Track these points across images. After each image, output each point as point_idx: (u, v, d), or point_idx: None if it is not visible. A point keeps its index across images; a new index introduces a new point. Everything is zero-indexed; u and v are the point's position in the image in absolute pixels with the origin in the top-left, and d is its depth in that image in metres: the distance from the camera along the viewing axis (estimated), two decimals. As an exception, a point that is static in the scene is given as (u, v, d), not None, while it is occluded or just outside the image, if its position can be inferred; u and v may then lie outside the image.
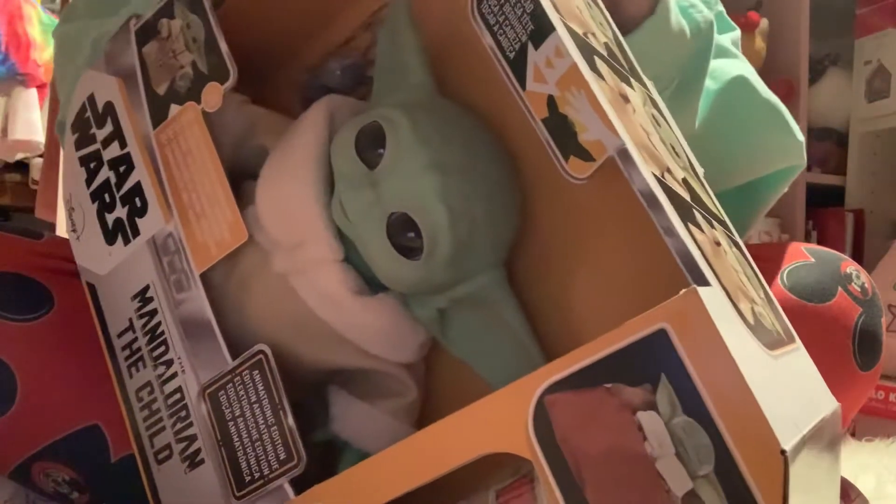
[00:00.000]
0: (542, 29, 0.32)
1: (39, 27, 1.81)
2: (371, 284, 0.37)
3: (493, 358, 0.38)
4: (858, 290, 0.66)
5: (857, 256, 1.55)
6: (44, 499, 0.51)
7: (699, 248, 0.29)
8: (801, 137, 0.64)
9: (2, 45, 1.75)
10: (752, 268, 0.36)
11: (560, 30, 0.31)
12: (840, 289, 0.64)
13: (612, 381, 0.27)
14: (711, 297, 0.27)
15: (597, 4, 0.39)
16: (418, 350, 0.39)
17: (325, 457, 0.39)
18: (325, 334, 0.37)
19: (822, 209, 1.59)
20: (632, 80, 0.37)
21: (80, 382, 0.47)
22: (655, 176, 0.30)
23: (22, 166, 1.90)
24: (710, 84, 0.55)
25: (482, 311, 0.37)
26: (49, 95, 1.59)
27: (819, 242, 1.64)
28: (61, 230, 1.13)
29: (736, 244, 0.36)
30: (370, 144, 0.35)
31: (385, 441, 0.38)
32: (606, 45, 0.36)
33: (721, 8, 0.57)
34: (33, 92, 1.83)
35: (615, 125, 0.30)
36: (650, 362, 0.26)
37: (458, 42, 0.41)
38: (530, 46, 0.32)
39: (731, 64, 0.60)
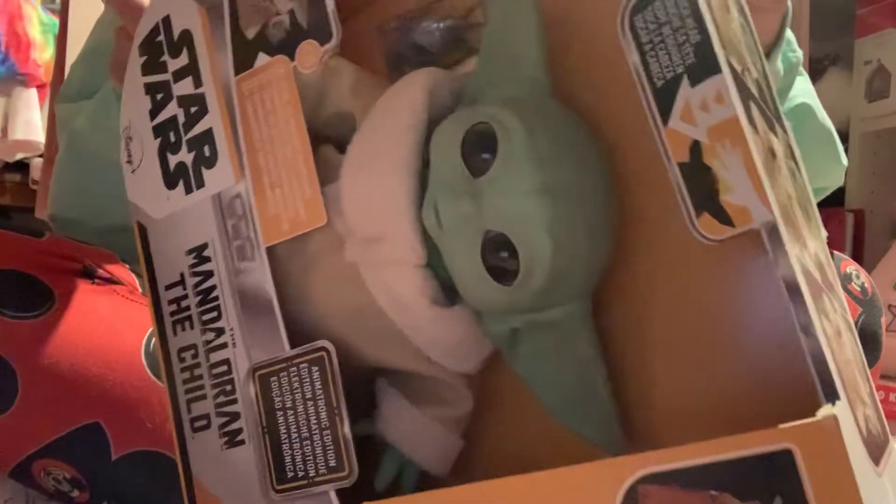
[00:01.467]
0: (704, 65, 0.28)
1: (39, 27, 1.78)
2: (446, 291, 0.35)
3: (558, 386, 0.36)
4: (858, 289, 0.67)
5: (857, 256, 1.56)
6: (44, 498, 0.51)
7: (830, 347, 0.27)
8: (844, 162, 0.68)
9: (2, 45, 1.72)
10: (860, 351, 0.33)
11: (726, 73, 0.28)
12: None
13: (719, 489, 0.25)
14: (843, 418, 0.25)
15: (750, 28, 0.35)
16: (481, 363, 0.37)
17: (361, 447, 0.38)
18: (388, 333, 0.35)
19: (821, 209, 1.58)
20: (776, 125, 0.33)
21: (80, 380, 0.46)
22: (798, 258, 0.27)
23: (22, 166, 1.88)
24: None
25: (557, 337, 0.35)
26: (49, 95, 1.56)
27: (818, 242, 1.65)
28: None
29: (849, 325, 0.33)
30: (477, 148, 0.32)
31: (431, 449, 0.37)
32: (758, 83, 0.32)
33: None
34: (33, 92, 1.79)
35: (769, 195, 0.27)
36: (767, 480, 0.24)
37: (579, 36, 0.37)
38: (685, 80, 0.29)
39: (798, 87, 0.62)
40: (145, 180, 0.39)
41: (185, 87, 0.37)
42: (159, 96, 0.38)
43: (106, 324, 0.48)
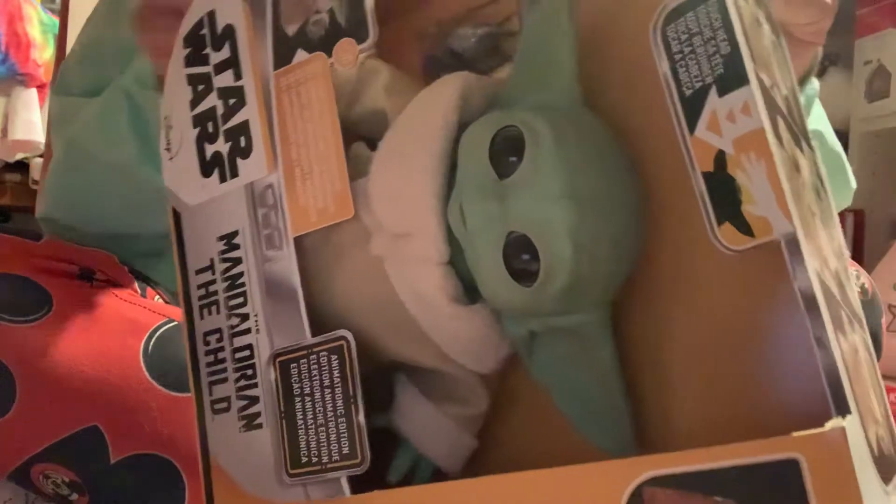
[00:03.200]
0: (733, 77, 0.28)
1: (39, 27, 1.78)
2: (468, 290, 0.35)
3: (575, 391, 0.36)
4: (858, 290, 0.66)
5: (857, 256, 1.55)
6: (43, 500, 0.51)
7: (844, 362, 0.27)
8: (853, 185, 0.68)
9: (2, 45, 1.72)
10: (877, 373, 0.33)
11: (754, 85, 0.28)
12: None
13: (724, 496, 0.25)
14: (852, 433, 0.25)
15: (782, 46, 0.35)
16: (499, 364, 0.37)
17: (376, 439, 0.38)
18: (409, 328, 0.36)
19: (820, 207, 1.59)
20: (803, 142, 0.33)
21: (78, 384, 0.46)
22: (817, 272, 0.28)
23: (22, 166, 1.89)
24: None
25: (576, 343, 0.35)
26: (49, 96, 1.56)
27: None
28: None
29: (867, 346, 0.33)
30: (505, 151, 0.32)
31: (443, 446, 0.37)
32: (787, 100, 0.32)
33: None
34: (33, 92, 1.81)
35: (790, 208, 0.27)
36: (772, 490, 0.24)
37: (613, 46, 0.37)
38: (714, 91, 0.29)
39: (813, 112, 0.62)
40: (182, 168, 0.40)
41: (225, 79, 0.38)
42: (200, 87, 0.39)
43: (104, 327, 0.48)
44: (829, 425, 0.24)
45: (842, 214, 1.59)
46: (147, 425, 0.47)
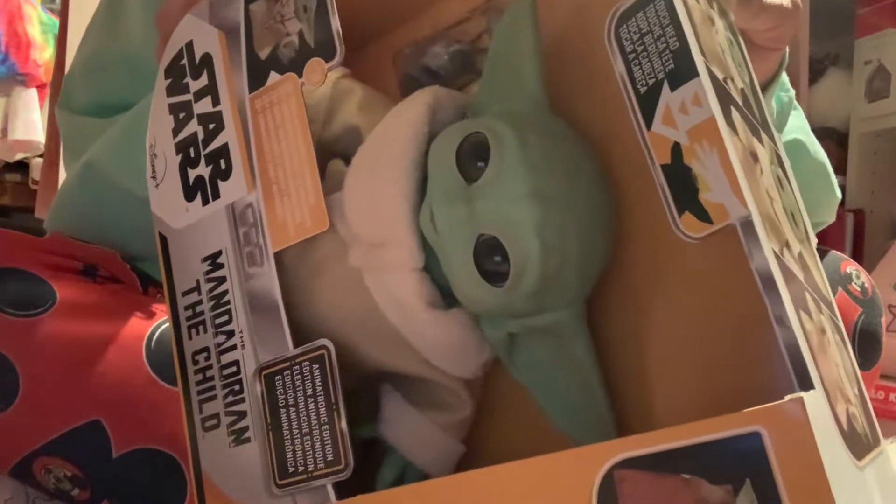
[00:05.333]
0: (683, 71, 0.29)
1: (39, 27, 1.79)
2: (445, 296, 0.36)
3: (556, 391, 0.36)
4: (858, 290, 0.66)
5: (857, 256, 1.54)
6: (44, 497, 0.51)
7: (807, 340, 0.27)
8: (838, 195, 0.68)
9: (2, 45, 1.74)
10: (849, 356, 0.33)
11: (703, 76, 0.29)
12: (840, 289, 0.64)
13: (691, 473, 0.25)
14: (814, 406, 0.25)
15: (738, 43, 0.36)
16: (481, 368, 0.38)
17: (366, 451, 0.39)
18: (390, 336, 0.36)
19: (820, 208, 1.58)
20: (762, 133, 0.34)
21: (81, 378, 0.46)
22: (775, 253, 0.28)
23: (22, 166, 1.89)
24: None
25: (554, 342, 0.36)
26: (49, 95, 1.57)
27: (819, 242, 1.61)
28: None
29: (838, 329, 0.33)
30: (472, 157, 0.34)
31: (432, 453, 0.38)
32: (743, 93, 0.33)
33: None
34: (33, 92, 1.82)
35: (744, 192, 0.28)
36: (737, 463, 0.25)
37: (575, 53, 0.39)
38: (666, 86, 0.30)
39: (792, 123, 0.62)
40: (167, 194, 0.41)
41: (204, 105, 0.40)
42: (181, 115, 0.41)
43: (107, 322, 0.49)
44: (788, 397, 0.24)
45: (842, 214, 1.59)
46: (149, 420, 0.47)
